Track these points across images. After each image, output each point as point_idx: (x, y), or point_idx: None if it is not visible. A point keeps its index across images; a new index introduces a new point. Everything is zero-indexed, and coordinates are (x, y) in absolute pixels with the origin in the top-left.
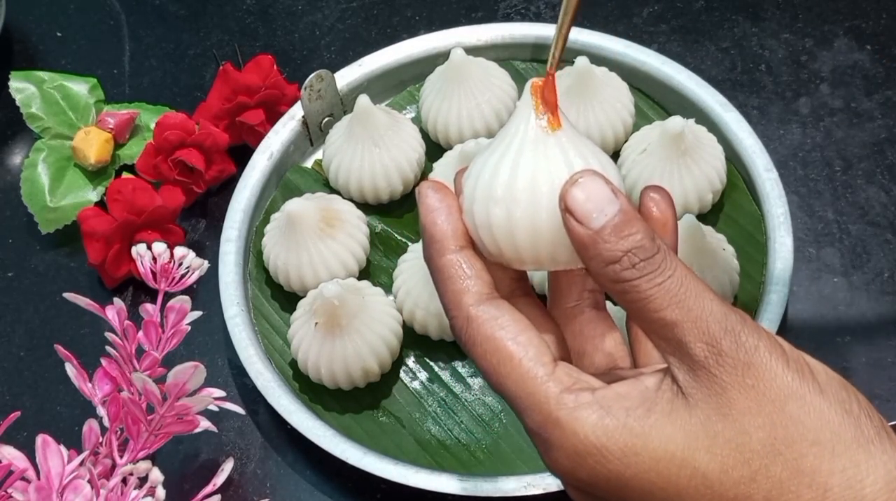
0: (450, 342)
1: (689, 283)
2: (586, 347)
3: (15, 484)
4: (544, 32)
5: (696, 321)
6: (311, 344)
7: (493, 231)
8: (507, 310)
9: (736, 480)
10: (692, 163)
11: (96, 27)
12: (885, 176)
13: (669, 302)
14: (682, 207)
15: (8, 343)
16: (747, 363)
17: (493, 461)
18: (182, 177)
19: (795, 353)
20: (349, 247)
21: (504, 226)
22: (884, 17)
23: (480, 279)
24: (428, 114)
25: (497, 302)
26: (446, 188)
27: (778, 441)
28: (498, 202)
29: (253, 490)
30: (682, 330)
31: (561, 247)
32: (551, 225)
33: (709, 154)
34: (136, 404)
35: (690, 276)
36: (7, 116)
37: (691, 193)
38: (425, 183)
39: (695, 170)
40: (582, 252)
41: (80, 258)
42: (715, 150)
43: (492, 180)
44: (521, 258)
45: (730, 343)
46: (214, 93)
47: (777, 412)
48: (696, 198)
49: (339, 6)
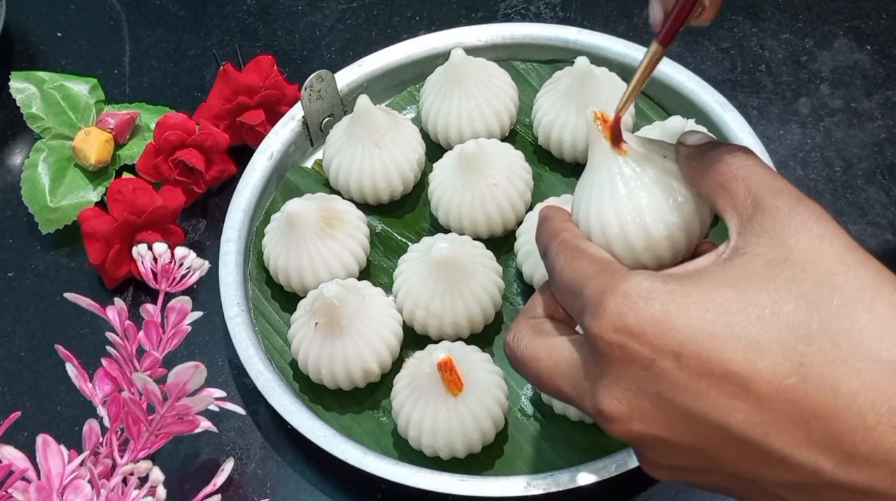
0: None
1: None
2: None
3: (15, 484)
4: (544, 32)
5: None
6: (311, 344)
7: (609, 241)
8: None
9: (790, 310)
10: None
11: (96, 27)
12: (885, 176)
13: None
14: None
15: (8, 343)
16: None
17: (493, 461)
18: (182, 177)
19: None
20: (349, 248)
21: (619, 236)
22: (884, 17)
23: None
24: (428, 115)
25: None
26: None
27: (837, 277)
28: (610, 222)
29: (253, 490)
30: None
31: (662, 246)
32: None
33: None
34: (136, 404)
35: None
36: (7, 116)
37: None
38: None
39: None
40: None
41: (80, 258)
42: None
43: (600, 204)
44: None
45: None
46: (215, 94)
47: (839, 258)
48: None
49: (340, 6)
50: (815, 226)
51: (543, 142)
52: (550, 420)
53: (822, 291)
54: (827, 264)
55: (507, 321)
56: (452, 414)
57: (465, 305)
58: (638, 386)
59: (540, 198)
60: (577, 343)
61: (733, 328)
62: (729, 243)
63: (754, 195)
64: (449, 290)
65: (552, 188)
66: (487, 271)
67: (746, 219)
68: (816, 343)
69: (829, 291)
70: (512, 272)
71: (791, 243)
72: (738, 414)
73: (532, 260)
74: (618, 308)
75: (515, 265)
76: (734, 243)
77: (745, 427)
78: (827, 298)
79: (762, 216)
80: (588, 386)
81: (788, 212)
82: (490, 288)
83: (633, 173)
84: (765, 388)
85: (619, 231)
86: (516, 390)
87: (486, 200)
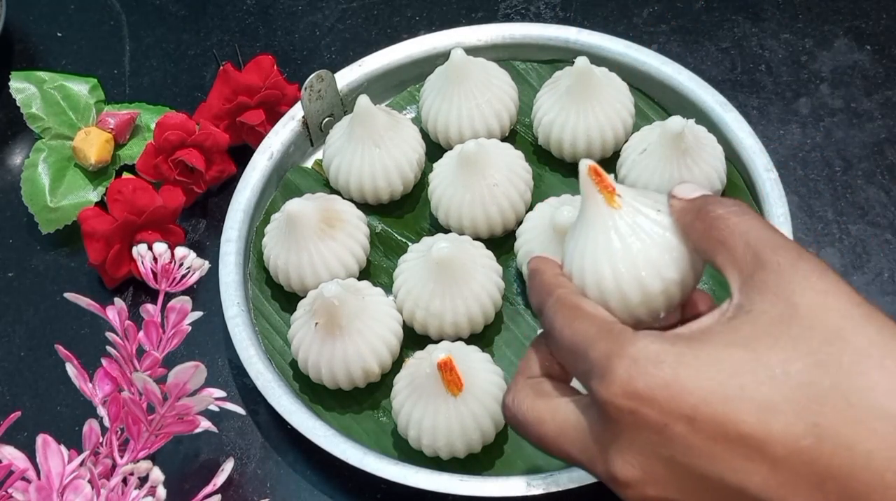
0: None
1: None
2: None
3: (15, 484)
4: (544, 32)
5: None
6: (311, 344)
7: (603, 293)
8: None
9: (800, 368)
10: (692, 163)
11: (96, 27)
12: (885, 176)
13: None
14: None
15: (8, 343)
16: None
17: (493, 461)
18: (182, 177)
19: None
20: (349, 248)
21: (614, 291)
22: (884, 18)
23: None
24: (428, 115)
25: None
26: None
27: (845, 332)
28: (606, 276)
29: (253, 490)
30: (739, 243)
31: (657, 301)
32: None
33: (709, 154)
34: (136, 404)
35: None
36: (7, 116)
37: None
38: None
39: (695, 170)
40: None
41: (80, 258)
42: (715, 150)
43: (595, 258)
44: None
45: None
46: (215, 94)
47: (845, 313)
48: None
49: (340, 6)
50: (819, 282)
51: (543, 142)
52: None
53: (832, 348)
54: (834, 320)
55: (507, 321)
56: (452, 413)
57: (465, 305)
58: (651, 450)
59: (540, 198)
60: (581, 404)
61: (745, 389)
62: (732, 301)
63: (754, 251)
64: (449, 290)
65: (552, 188)
66: (487, 271)
67: (748, 276)
68: (829, 402)
69: (838, 348)
70: (512, 272)
71: (796, 300)
72: (755, 476)
73: None
74: (626, 372)
75: (515, 265)
76: (737, 301)
77: (763, 490)
78: (837, 356)
79: (764, 273)
80: (599, 451)
81: (790, 267)
82: (490, 288)
83: (628, 228)
84: (780, 450)
85: (615, 285)
86: None
87: (486, 200)
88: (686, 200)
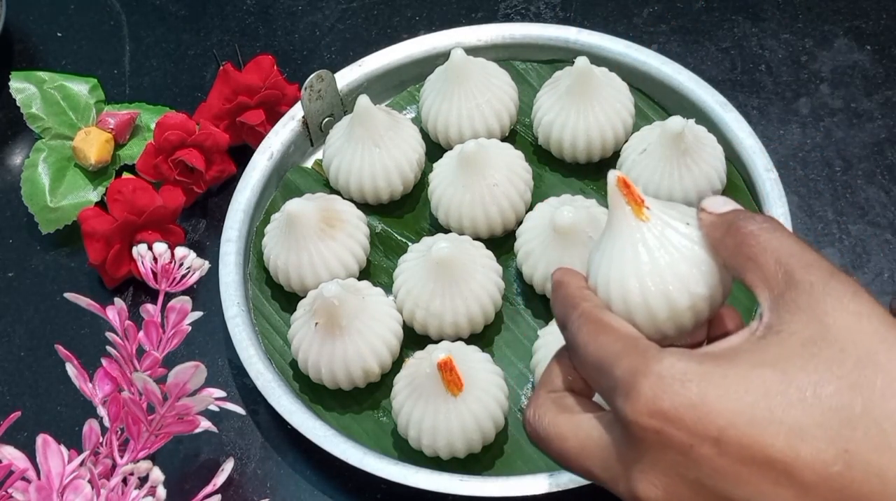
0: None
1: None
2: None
3: (15, 484)
4: (544, 32)
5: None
6: (311, 344)
7: (630, 309)
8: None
9: (832, 392)
10: (692, 163)
11: (96, 27)
12: (885, 176)
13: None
14: None
15: (8, 343)
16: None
17: (493, 461)
18: (182, 177)
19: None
20: (349, 248)
21: (641, 305)
22: (884, 17)
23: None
24: (428, 115)
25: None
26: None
27: (879, 355)
28: (632, 289)
29: (253, 490)
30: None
31: (685, 317)
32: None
33: (709, 154)
34: (136, 404)
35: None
36: (7, 116)
37: (691, 193)
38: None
39: (695, 170)
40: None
41: (80, 258)
42: (715, 150)
43: (622, 271)
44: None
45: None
46: (215, 94)
47: (879, 336)
48: (696, 198)
49: (340, 6)
50: (852, 303)
51: (543, 142)
52: None
53: (865, 371)
54: (867, 343)
55: (507, 321)
56: (452, 413)
57: (465, 305)
58: (676, 471)
59: (540, 198)
60: (604, 421)
61: (774, 412)
62: (762, 320)
63: (785, 269)
64: (449, 290)
65: (552, 188)
66: (487, 271)
67: (779, 295)
68: (861, 427)
69: (871, 371)
70: (512, 272)
71: (828, 321)
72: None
73: (532, 261)
74: (652, 391)
75: (515, 265)
76: (767, 320)
77: None
78: (870, 379)
79: (795, 292)
80: (622, 470)
81: (823, 287)
82: (490, 288)
83: (657, 241)
84: (809, 476)
85: (642, 300)
86: (516, 390)
87: (486, 200)
88: (716, 215)
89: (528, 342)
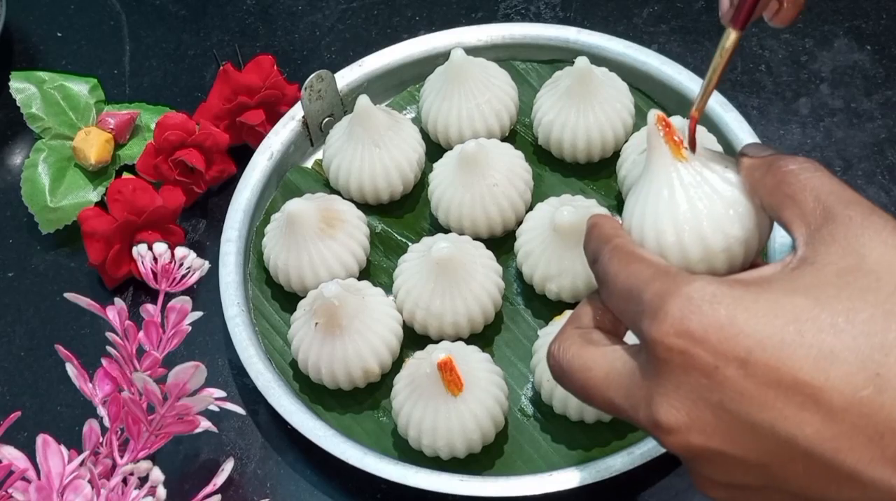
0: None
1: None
2: None
3: (15, 484)
4: (544, 32)
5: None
6: (311, 344)
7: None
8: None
9: (865, 319)
10: None
11: (96, 27)
12: (885, 176)
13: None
14: None
15: (8, 343)
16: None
17: (493, 461)
18: (182, 177)
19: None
20: (349, 248)
21: (674, 245)
22: (884, 18)
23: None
24: (428, 115)
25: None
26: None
27: None
28: (666, 230)
29: (253, 490)
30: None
31: (718, 259)
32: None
33: None
34: (136, 404)
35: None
36: (7, 116)
37: None
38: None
39: None
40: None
41: (80, 258)
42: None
43: (657, 210)
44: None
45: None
46: (215, 94)
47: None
48: None
49: (340, 6)
50: (891, 237)
51: (543, 142)
52: (550, 421)
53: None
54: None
55: (507, 321)
56: (452, 413)
57: (465, 305)
58: (699, 394)
59: (540, 198)
60: (630, 351)
61: (804, 336)
62: (796, 253)
63: (824, 206)
64: (449, 290)
65: (552, 188)
66: (487, 271)
67: (815, 229)
68: (894, 353)
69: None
70: (512, 272)
71: (865, 252)
72: (808, 426)
73: (532, 261)
74: (680, 311)
75: (515, 265)
76: (801, 253)
77: (815, 442)
78: None
79: (833, 225)
80: (643, 396)
81: (861, 222)
82: (490, 288)
83: (694, 180)
84: (837, 400)
85: (676, 239)
86: (516, 390)
87: (486, 200)
88: (757, 157)
89: (528, 342)
